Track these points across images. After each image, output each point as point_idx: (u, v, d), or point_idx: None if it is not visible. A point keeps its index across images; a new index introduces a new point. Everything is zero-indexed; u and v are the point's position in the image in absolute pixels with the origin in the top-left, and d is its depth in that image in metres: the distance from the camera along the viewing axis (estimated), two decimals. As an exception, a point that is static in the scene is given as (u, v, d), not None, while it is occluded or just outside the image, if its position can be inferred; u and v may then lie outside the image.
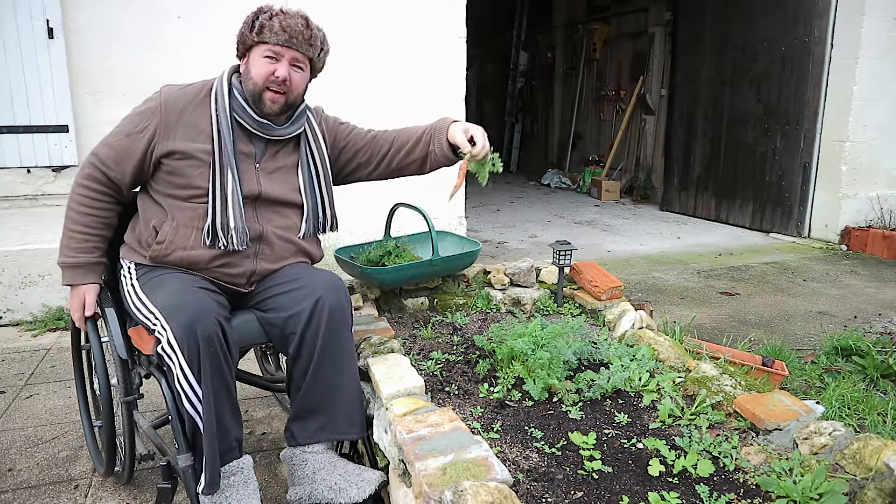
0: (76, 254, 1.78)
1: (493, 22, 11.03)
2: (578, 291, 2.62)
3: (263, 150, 1.85)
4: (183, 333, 1.54)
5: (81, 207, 1.77)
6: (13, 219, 3.73)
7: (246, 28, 1.77)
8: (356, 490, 1.66)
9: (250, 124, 1.80)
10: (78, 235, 1.77)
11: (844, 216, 5.52)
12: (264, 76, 1.76)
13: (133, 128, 1.76)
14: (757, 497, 1.37)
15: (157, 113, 1.75)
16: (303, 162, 1.92)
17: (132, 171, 1.77)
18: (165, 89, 1.79)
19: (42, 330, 3.43)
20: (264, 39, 1.74)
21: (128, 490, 2.01)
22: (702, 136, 6.73)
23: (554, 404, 1.80)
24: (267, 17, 1.75)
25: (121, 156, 1.75)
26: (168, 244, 1.75)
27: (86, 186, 1.76)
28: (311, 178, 1.93)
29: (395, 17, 4.21)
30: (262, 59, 1.76)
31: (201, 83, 1.83)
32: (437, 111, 4.37)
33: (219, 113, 1.76)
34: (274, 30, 1.73)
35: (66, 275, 1.80)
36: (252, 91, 1.78)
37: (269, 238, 1.83)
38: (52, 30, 3.57)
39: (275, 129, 1.83)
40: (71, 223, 1.78)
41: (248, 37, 1.76)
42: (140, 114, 1.77)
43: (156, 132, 1.74)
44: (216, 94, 1.79)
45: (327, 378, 1.74)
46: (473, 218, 6.62)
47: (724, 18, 6.29)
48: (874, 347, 2.92)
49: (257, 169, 1.83)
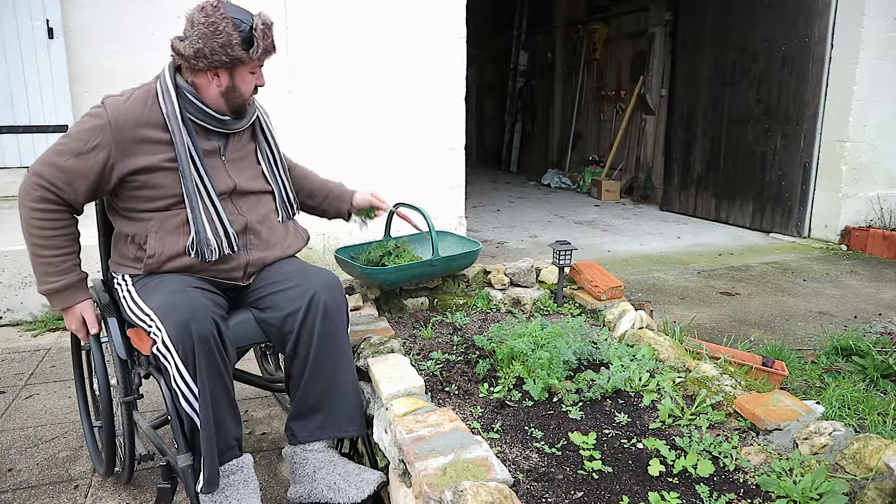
0: (58, 277, 1.71)
1: (493, 22, 11.04)
2: (578, 291, 2.62)
3: (226, 143, 1.83)
4: (177, 332, 1.54)
5: (43, 231, 1.68)
6: (13, 219, 3.72)
7: (235, 47, 1.66)
8: (355, 490, 1.66)
9: (211, 123, 1.77)
10: (52, 259, 1.70)
11: (844, 216, 5.51)
12: (251, 90, 1.77)
13: (82, 146, 1.65)
14: (757, 497, 1.37)
15: (106, 131, 1.66)
16: (262, 149, 1.93)
17: (86, 191, 1.69)
18: (109, 103, 1.69)
19: (42, 330, 3.43)
20: (258, 59, 1.72)
21: (128, 490, 2.01)
22: (702, 136, 6.73)
23: (554, 404, 1.80)
24: (261, 37, 1.68)
25: (71, 177, 1.66)
26: (158, 256, 1.73)
27: (40, 209, 1.67)
28: (270, 164, 1.94)
29: (396, 17, 4.21)
30: (249, 75, 1.74)
31: (142, 89, 1.75)
32: (437, 111, 4.41)
33: (169, 118, 1.70)
34: (268, 49, 1.72)
35: (55, 301, 1.73)
36: (236, 105, 1.77)
37: (254, 227, 1.84)
38: (52, 30, 3.57)
39: (234, 122, 1.82)
40: (38, 249, 1.69)
41: (241, 56, 1.68)
42: (87, 131, 1.66)
43: (110, 152, 1.66)
44: (163, 99, 1.71)
45: (325, 375, 1.74)
46: (473, 218, 6.62)
47: (724, 18, 6.29)
48: (874, 347, 2.92)
49: (224, 162, 1.82)
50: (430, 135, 4.42)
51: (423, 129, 4.40)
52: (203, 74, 1.71)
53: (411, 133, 4.37)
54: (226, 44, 1.65)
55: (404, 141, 4.35)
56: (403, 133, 4.34)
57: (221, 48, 1.65)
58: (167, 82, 1.72)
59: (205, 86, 1.73)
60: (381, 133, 4.27)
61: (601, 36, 8.75)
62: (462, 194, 4.61)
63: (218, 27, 1.64)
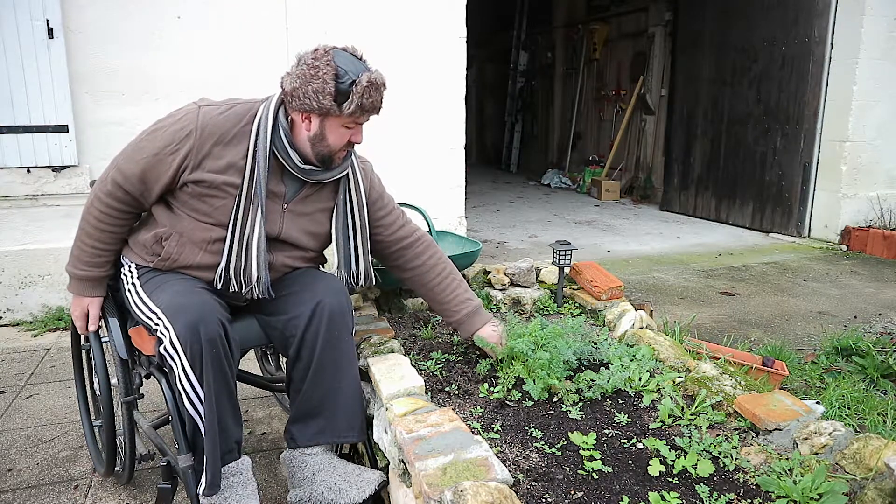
0: (87, 267, 1.75)
1: (493, 22, 11.04)
2: (578, 291, 2.62)
3: (296, 191, 1.77)
4: (186, 334, 1.53)
5: (98, 223, 1.70)
6: (13, 219, 3.73)
7: (327, 96, 1.57)
8: (356, 490, 1.66)
9: (291, 166, 1.70)
10: (90, 249, 1.73)
11: (844, 216, 5.52)
12: (342, 144, 1.68)
13: (163, 147, 1.64)
14: (757, 497, 1.37)
15: (191, 137, 1.63)
16: (338, 208, 1.83)
17: (158, 191, 1.68)
18: (204, 111, 1.65)
19: (42, 330, 3.43)
20: (350, 115, 1.62)
21: (128, 490, 2.01)
22: (702, 136, 6.73)
23: (554, 404, 1.80)
24: (360, 94, 1.58)
25: (147, 175, 1.65)
26: (171, 262, 1.72)
27: (106, 203, 1.68)
28: (345, 226, 1.86)
29: (396, 17, 4.21)
30: (342, 128, 1.65)
31: (243, 107, 1.70)
32: (437, 111, 4.41)
33: (257, 150, 1.65)
34: (365, 108, 1.61)
35: (73, 284, 1.78)
36: (322, 154, 1.69)
37: (276, 266, 1.80)
38: (52, 30, 3.58)
39: (318, 173, 1.74)
40: (85, 235, 1.72)
41: (331, 107, 1.59)
42: (173, 133, 1.64)
43: (187, 157, 1.64)
44: (259, 129, 1.66)
45: (327, 381, 1.74)
46: (473, 218, 6.62)
47: (724, 18, 6.29)
48: (874, 347, 2.92)
49: (284, 210, 1.76)
50: (430, 135, 4.42)
51: (423, 129, 4.40)
52: (298, 114, 1.65)
53: (411, 133, 4.37)
54: (318, 90, 1.57)
55: (404, 141, 4.35)
56: (403, 133, 4.34)
57: (314, 94, 1.58)
58: (269, 113, 1.67)
59: (298, 127, 1.67)
60: (381, 133, 4.25)
61: (601, 36, 8.76)
62: (462, 194, 4.61)
63: (318, 72, 1.56)
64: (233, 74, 4.03)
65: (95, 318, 1.81)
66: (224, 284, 1.72)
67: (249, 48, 4.09)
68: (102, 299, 1.82)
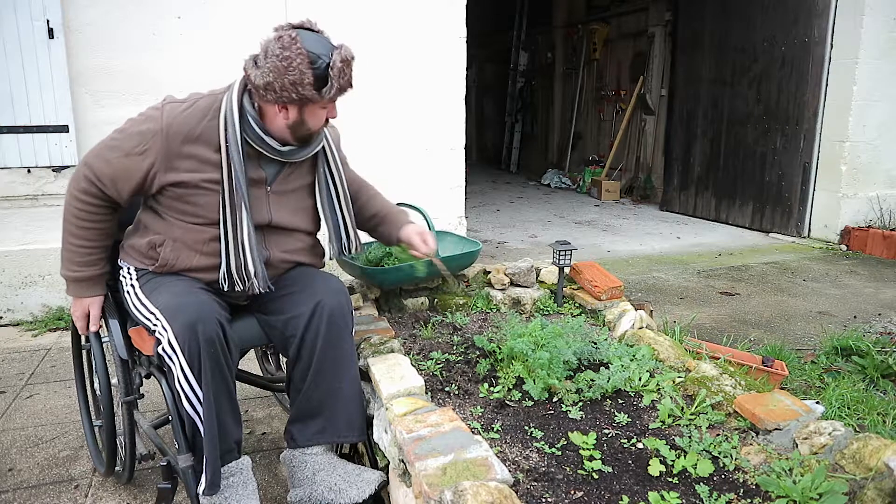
0: (79, 268, 1.74)
1: (493, 22, 11.04)
2: (578, 291, 2.62)
3: (276, 172, 1.77)
4: (184, 334, 1.53)
5: (79, 221, 1.68)
6: (13, 219, 3.73)
7: (307, 86, 1.55)
8: (356, 490, 1.66)
9: (270, 152, 1.69)
10: (79, 249, 1.71)
11: (844, 216, 5.52)
12: (321, 124, 1.68)
13: (132, 147, 1.62)
14: (757, 497, 1.37)
15: (158, 137, 1.61)
16: (320, 182, 1.85)
17: (129, 191, 1.67)
18: (168, 108, 1.64)
19: (42, 330, 3.43)
20: (331, 99, 1.62)
21: (128, 490, 2.01)
22: (702, 136, 6.73)
23: (554, 404, 1.80)
24: (338, 76, 1.57)
25: (117, 175, 1.64)
26: (170, 267, 1.72)
27: (82, 200, 1.67)
28: (330, 198, 1.87)
29: (396, 17, 4.21)
30: (320, 110, 1.64)
31: (206, 99, 1.68)
32: (437, 111, 4.40)
33: (229, 142, 1.63)
34: (343, 88, 1.60)
35: (71, 287, 1.77)
36: (303, 136, 1.68)
37: (274, 263, 1.80)
38: (52, 30, 3.58)
39: (296, 152, 1.73)
40: (70, 237, 1.71)
41: (312, 95, 1.57)
42: (140, 133, 1.63)
43: (156, 160, 1.62)
44: (226, 120, 1.64)
45: (327, 381, 1.74)
46: (473, 218, 6.62)
47: (724, 18, 6.29)
48: (874, 347, 2.93)
49: (268, 193, 1.75)
50: (430, 135, 4.42)
51: (423, 129, 4.40)
52: (271, 105, 1.62)
53: (411, 133, 4.37)
54: (296, 82, 1.54)
55: (404, 141, 4.35)
56: (403, 133, 4.34)
57: (292, 86, 1.54)
58: (233, 105, 1.64)
59: (271, 116, 1.65)
60: (382, 133, 4.27)
61: (601, 36, 8.76)
62: (462, 194, 4.61)
63: (291, 63, 1.52)
64: (233, 74, 4.02)
65: (96, 318, 1.81)
66: (229, 285, 1.72)
67: (250, 48, 4.09)
68: (102, 299, 1.82)
